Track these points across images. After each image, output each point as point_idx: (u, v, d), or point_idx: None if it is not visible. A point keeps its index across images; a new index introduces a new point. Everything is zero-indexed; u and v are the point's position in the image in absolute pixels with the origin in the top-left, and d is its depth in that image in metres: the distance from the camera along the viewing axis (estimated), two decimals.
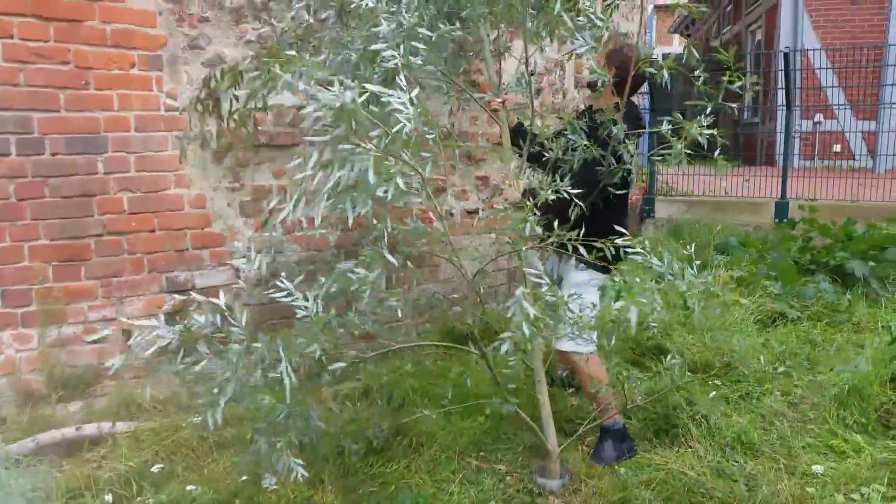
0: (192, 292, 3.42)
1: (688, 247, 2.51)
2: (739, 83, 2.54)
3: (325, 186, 1.56)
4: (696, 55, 2.53)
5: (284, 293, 2.06)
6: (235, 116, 2.88)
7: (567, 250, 2.48)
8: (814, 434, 3.13)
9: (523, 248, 2.43)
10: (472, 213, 4.51)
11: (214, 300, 2.10)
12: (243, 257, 3.49)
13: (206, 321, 1.96)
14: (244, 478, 2.44)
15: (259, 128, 3.51)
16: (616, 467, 2.87)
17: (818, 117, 10.75)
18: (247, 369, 1.91)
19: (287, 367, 1.83)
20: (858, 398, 3.25)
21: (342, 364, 2.23)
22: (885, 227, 5.64)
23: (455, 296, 3.02)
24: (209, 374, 1.94)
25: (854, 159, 10.18)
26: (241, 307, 3.47)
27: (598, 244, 2.44)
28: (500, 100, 2.84)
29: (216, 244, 3.52)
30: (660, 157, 2.70)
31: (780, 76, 7.39)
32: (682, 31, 22.33)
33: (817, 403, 3.39)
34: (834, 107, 10.27)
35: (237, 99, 2.73)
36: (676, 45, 27.23)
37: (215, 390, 1.90)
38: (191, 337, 1.90)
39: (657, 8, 26.41)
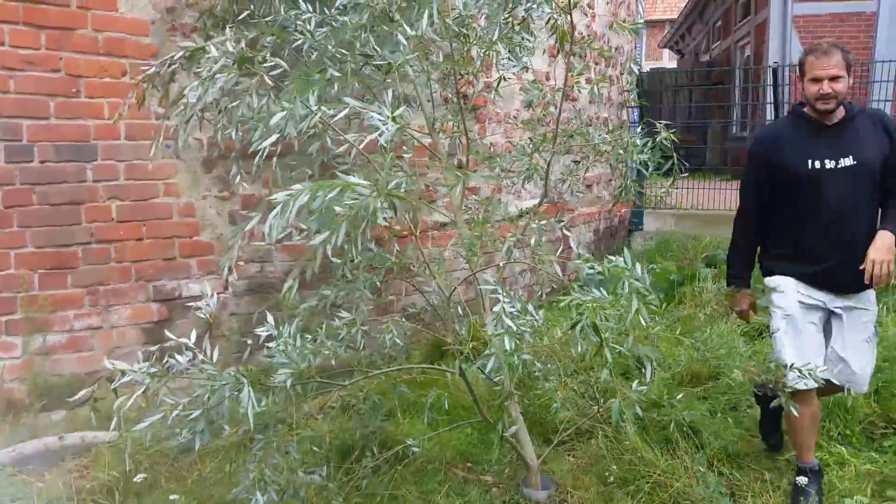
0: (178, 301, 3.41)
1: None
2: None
3: (292, 206, 1.58)
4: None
5: (265, 329, 2.08)
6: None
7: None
8: None
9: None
10: (444, 225, 4.42)
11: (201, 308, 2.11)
12: (228, 269, 3.50)
13: (184, 361, 1.97)
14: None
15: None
16: (605, 476, 2.86)
17: None
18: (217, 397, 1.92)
19: (250, 394, 1.84)
20: (843, 411, 3.27)
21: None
22: None
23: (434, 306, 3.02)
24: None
25: None
26: (228, 317, 3.47)
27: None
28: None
29: (205, 253, 3.51)
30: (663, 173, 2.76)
31: (769, 91, 7.46)
32: (672, 46, 22.54)
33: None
34: None
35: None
36: (666, 59, 27.51)
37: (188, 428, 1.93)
38: (164, 379, 1.91)
39: (647, 23, 26.70)
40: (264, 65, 2.06)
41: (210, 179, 3.50)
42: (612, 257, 2.09)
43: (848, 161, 2.58)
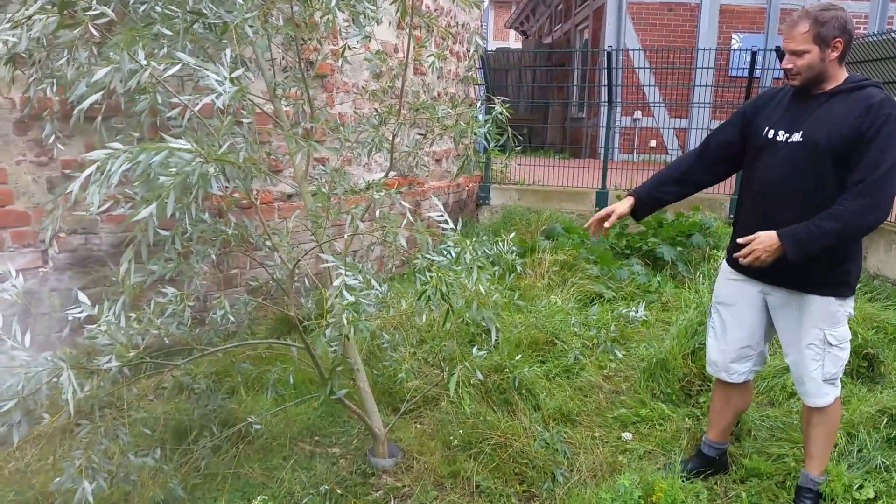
0: None
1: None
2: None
3: (111, 169, 1.42)
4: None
5: (79, 311, 1.90)
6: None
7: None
8: (627, 405, 3.40)
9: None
10: (290, 196, 4.33)
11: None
12: (49, 241, 3.21)
13: None
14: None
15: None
16: (450, 440, 2.94)
17: (637, 114, 11.65)
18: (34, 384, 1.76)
19: (71, 379, 1.70)
20: (664, 370, 3.56)
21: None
22: (690, 215, 6.23)
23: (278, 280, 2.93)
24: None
25: (668, 154, 11.16)
26: (48, 294, 3.18)
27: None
28: None
29: (20, 223, 3.18)
30: (500, 148, 2.72)
31: (605, 74, 7.84)
32: (518, 27, 23.24)
33: (629, 376, 3.68)
34: (651, 104, 11.18)
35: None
36: (512, 39, 28.36)
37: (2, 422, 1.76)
38: None
39: (494, 3, 27.35)
40: (89, 12, 1.85)
41: (25, 143, 3.16)
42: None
43: (796, 137, 2.32)
